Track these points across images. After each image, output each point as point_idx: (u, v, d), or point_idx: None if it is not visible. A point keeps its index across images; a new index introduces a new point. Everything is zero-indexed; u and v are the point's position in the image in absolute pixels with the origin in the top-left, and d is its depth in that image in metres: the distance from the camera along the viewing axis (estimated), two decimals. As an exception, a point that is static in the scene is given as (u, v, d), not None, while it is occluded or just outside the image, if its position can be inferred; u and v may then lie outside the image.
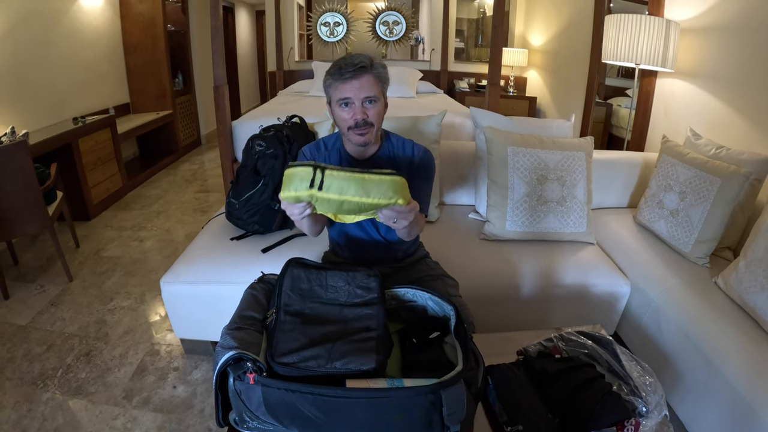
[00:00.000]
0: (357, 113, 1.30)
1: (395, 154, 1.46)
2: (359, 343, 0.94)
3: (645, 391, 1.08)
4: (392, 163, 1.44)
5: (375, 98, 1.30)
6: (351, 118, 1.31)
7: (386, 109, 1.39)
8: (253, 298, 1.08)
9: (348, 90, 1.28)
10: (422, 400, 0.82)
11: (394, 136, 1.50)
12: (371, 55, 1.32)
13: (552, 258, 1.96)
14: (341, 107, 1.31)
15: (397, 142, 1.48)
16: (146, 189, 4.26)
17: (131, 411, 1.75)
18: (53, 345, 2.11)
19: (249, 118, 3.31)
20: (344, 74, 1.26)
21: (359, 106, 1.29)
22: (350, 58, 1.28)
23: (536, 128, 2.22)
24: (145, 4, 4.57)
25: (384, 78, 1.33)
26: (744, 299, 1.55)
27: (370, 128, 1.32)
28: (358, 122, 1.30)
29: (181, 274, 1.83)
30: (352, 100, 1.29)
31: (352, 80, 1.27)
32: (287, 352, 0.91)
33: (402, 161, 1.45)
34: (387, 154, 1.45)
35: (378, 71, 1.30)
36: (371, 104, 1.31)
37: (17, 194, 2.37)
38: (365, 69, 1.27)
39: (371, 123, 1.32)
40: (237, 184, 2.01)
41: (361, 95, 1.28)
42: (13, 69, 3.20)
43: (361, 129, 1.31)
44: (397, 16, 5.71)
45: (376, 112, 1.32)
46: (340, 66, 1.28)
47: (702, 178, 1.86)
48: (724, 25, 2.30)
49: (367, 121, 1.31)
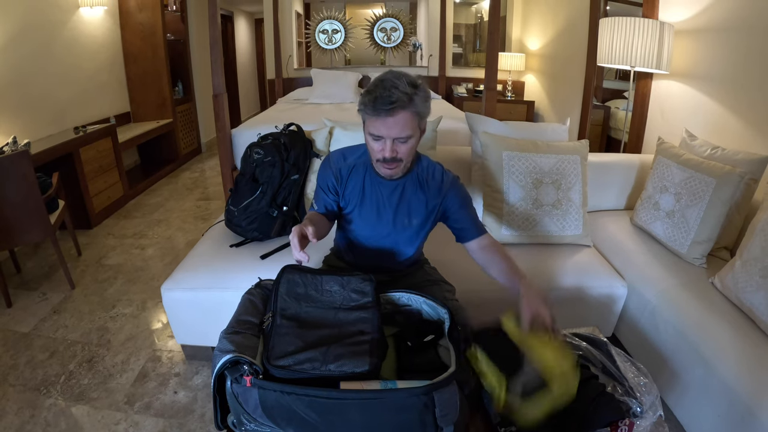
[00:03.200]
0: (387, 151, 1.24)
1: (425, 178, 1.42)
2: (354, 346, 0.96)
3: (640, 392, 1.10)
4: (420, 186, 1.42)
5: (408, 138, 1.24)
6: (380, 152, 1.26)
7: (423, 134, 1.33)
8: (250, 303, 1.09)
9: (380, 127, 1.21)
10: (415, 401, 0.83)
11: (425, 159, 1.46)
12: (413, 81, 1.21)
13: (549, 261, 1.97)
14: (372, 139, 1.26)
15: (427, 166, 1.45)
16: (147, 197, 4.28)
17: (133, 416, 1.77)
18: (56, 352, 2.12)
19: (248, 126, 3.33)
20: (378, 111, 1.18)
21: (390, 144, 1.23)
22: (388, 91, 1.17)
23: (531, 132, 2.23)
24: (145, 14, 4.61)
25: (423, 112, 1.24)
26: (740, 299, 1.56)
27: (398, 163, 1.29)
28: (386, 159, 1.26)
29: (181, 281, 1.85)
30: (383, 137, 1.23)
31: (387, 118, 1.19)
32: (283, 355, 0.93)
33: (432, 186, 1.42)
34: (416, 178, 1.42)
35: (416, 107, 1.21)
36: (403, 143, 1.25)
37: (19, 203, 2.40)
38: (401, 107, 1.18)
39: (400, 159, 1.28)
40: (236, 192, 2.03)
41: (392, 134, 1.22)
42: (14, 79, 3.24)
43: (388, 164, 1.28)
44: (394, 22, 5.75)
45: (408, 149, 1.27)
46: (376, 97, 1.18)
47: (697, 179, 1.87)
48: (718, 26, 2.32)
49: (396, 158, 1.27)
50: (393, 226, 1.43)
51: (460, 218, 1.41)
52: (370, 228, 1.45)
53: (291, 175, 2.01)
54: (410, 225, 1.43)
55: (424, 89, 1.23)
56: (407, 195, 1.41)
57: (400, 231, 1.44)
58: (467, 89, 5.66)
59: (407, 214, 1.42)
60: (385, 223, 1.43)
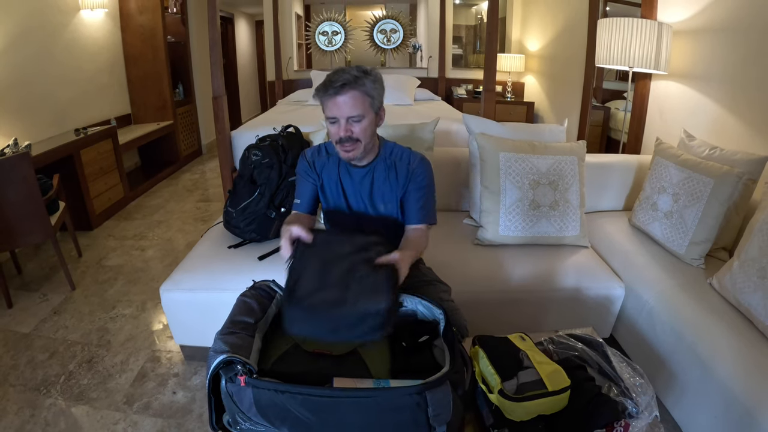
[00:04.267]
0: (341, 130, 1.32)
1: (393, 162, 1.48)
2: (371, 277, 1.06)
3: (635, 393, 1.09)
4: (389, 171, 1.47)
5: (359, 117, 1.31)
6: (336, 134, 1.33)
7: (381, 120, 1.40)
8: (245, 304, 1.10)
9: (333, 108, 1.30)
10: (408, 401, 0.84)
11: (391, 144, 1.52)
12: (363, 68, 1.31)
13: (546, 262, 1.97)
14: (330, 123, 1.34)
15: (394, 150, 1.50)
16: (148, 199, 4.30)
17: (132, 416, 1.77)
18: (56, 352, 2.13)
19: (248, 128, 3.34)
20: (329, 91, 1.28)
21: (344, 123, 1.31)
22: (336, 74, 1.28)
23: (529, 134, 2.24)
24: (146, 16, 4.63)
25: (373, 92, 1.32)
26: (738, 300, 1.55)
27: (356, 144, 1.35)
28: (342, 138, 1.33)
29: (180, 282, 1.86)
30: (337, 117, 1.31)
31: (336, 97, 1.28)
32: (305, 295, 1.02)
33: (400, 169, 1.47)
34: (384, 163, 1.48)
35: (364, 87, 1.29)
36: (356, 122, 1.31)
37: (20, 205, 2.41)
38: (349, 85, 1.27)
39: (357, 139, 1.34)
40: (234, 194, 2.04)
41: (344, 113, 1.29)
42: (15, 81, 3.26)
43: (345, 145, 1.34)
44: (394, 24, 5.77)
45: (362, 128, 1.33)
46: (326, 81, 1.28)
47: (695, 179, 1.87)
48: (716, 27, 2.32)
49: (352, 137, 1.33)
50: (369, 210, 1.50)
51: (409, 199, 1.47)
52: (350, 218, 1.52)
53: (289, 176, 2.01)
54: (385, 208, 1.49)
55: (375, 75, 1.32)
56: (378, 181, 1.47)
57: (377, 214, 1.51)
58: (467, 90, 5.66)
59: (381, 199, 1.48)
60: (364, 211, 1.50)
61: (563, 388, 1.01)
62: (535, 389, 1.01)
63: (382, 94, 1.37)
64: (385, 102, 1.42)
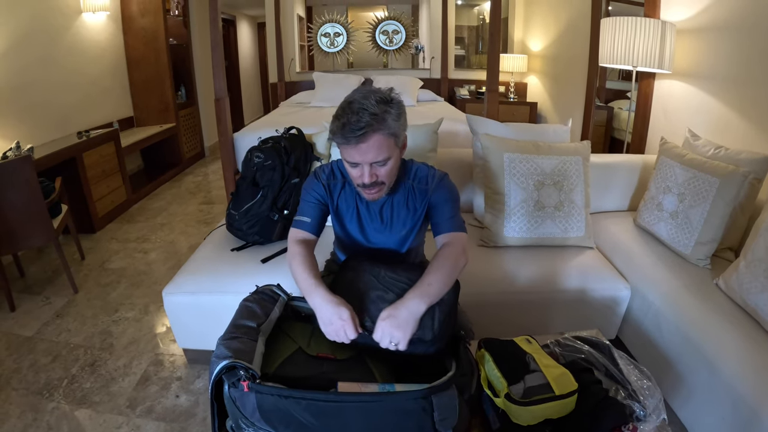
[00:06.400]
0: (365, 176, 1.19)
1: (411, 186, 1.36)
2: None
3: (643, 395, 1.08)
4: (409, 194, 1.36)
5: (384, 161, 1.18)
6: (359, 178, 1.21)
7: (404, 151, 1.28)
8: (247, 309, 1.09)
9: (354, 154, 1.16)
10: (413, 405, 0.82)
11: (414, 167, 1.38)
12: (382, 96, 1.15)
13: (551, 263, 1.96)
14: (350, 166, 1.21)
15: (416, 173, 1.37)
16: (150, 201, 4.30)
17: (135, 420, 1.77)
18: (59, 356, 2.13)
19: (250, 130, 3.34)
20: (349, 140, 1.12)
21: (368, 169, 1.18)
22: (356, 116, 1.10)
23: (533, 134, 2.23)
24: (147, 19, 4.63)
25: (397, 130, 1.17)
26: (745, 300, 1.54)
27: (380, 186, 1.24)
28: (365, 184, 1.21)
29: (182, 285, 1.85)
30: (359, 163, 1.18)
31: (359, 144, 1.13)
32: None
33: (419, 192, 1.35)
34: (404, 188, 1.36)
35: (387, 127, 1.14)
36: (381, 166, 1.19)
37: (23, 208, 2.41)
38: (372, 129, 1.11)
39: (382, 182, 1.23)
40: (237, 196, 2.04)
41: (368, 159, 1.16)
42: (18, 84, 3.26)
43: (369, 189, 1.23)
44: (396, 25, 5.76)
45: (387, 171, 1.21)
46: (344, 124, 1.11)
47: (700, 179, 1.86)
48: (720, 25, 2.30)
49: (377, 182, 1.22)
50: (387, 236, 1.40)
51: (437, 213, 1.34)
52: (364, 239, 1.42)
53: (291, 178, 2.01)
54: (402, 232, 1.39)
55: (396, 104, 1.17)
56: (397, 206, 1.37)
57: (395, 239, 1.41)
58: (470, 91, 5.65)
59: (399, 223, 1.38)
60: (378, 236, 1.40)
61: (571, 391, 1.00)
62: (543, 393, 0.99)
63: (406, 122, 1.22)
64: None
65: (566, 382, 1.02)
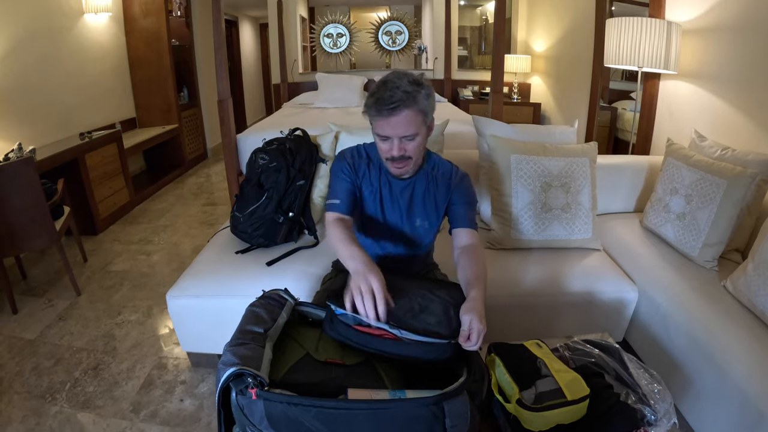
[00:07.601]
0: (395, 149, 1.28)
1: (434, 176, 1.45)
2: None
3: (653, 399, 1.07)
4: (429, 184, 1.45)
5: (413, 135, 1.27)
6: (388, 152, 1.30)
7: (430, 132, 1.36)
8: (254, 314, 1.08)
9: (385, 127, 1.25)
10: (425, 412, 0.81)
11: (435, 157, 1.48)
12: (414, 78, 1.24)
13: (558, 265, 1.94)
14: (380, 139, 1.30)
15: (437, 164, 1.47)
16: (153, 203, 4.29)
17: (138, 424, 1.75)
18: (61, 359, 2.12)
19: (254, 131, 3.33)
20: (382, 111, 1.22)
21: (397, 143, 1.27)
22: (390, 92, 1.21)
23: (539, 135, 2.21)
24: (150, 20, 4.63)
25: (427, 108, 1.27)
26: (753, 302, 1.53)
27: (407, 161, 1.32)
28: (394, 157, 1.30)
29: (186, 288, 1.84)
30: (390, 137, 1.26)
31: (390, 118, 1.22)
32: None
33: (441, 184, 1.44)
34: (426, 177, 1.45)
35: (419, 105, 1.24)
36: (410, 140, 1.28)
37: (25, 210, 2.40)
38: (404, 104, 1.21)
39: (409, 156, 1.31)
40: (241, 198, 2.02)
41: (398, 133, 1.25)
42: (20, 86, 3.25)
43: (398, 163, 1.32)
44: (399, 25, 5.76)
45: (415, 146, 1.29)
46: (378, 98, 1.22)
47: (707, 181, 1.84)
48: (726, 25, 2.29)
49: (405, 156, 1.30)
50: (405, 223, 1.46)
51: (457, 210, 1.43)
52: (384, 229, 1.48)
53: (297, 180, 1.99)
54: (421, 222, 1.46)
55: (427, 87, 1.26)
56: (417, 194, 1.44)
57: (412, 228, 1.47)
58: (473, 92, 5.64)
59: (418, 211, 1.45)
60: (399, 222, 1.46)
61: (583, 397, 0.99)
62: (555, 398, 0.98)
63: (434, 105, 1.32)
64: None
65: (578, 387, 1.01)
